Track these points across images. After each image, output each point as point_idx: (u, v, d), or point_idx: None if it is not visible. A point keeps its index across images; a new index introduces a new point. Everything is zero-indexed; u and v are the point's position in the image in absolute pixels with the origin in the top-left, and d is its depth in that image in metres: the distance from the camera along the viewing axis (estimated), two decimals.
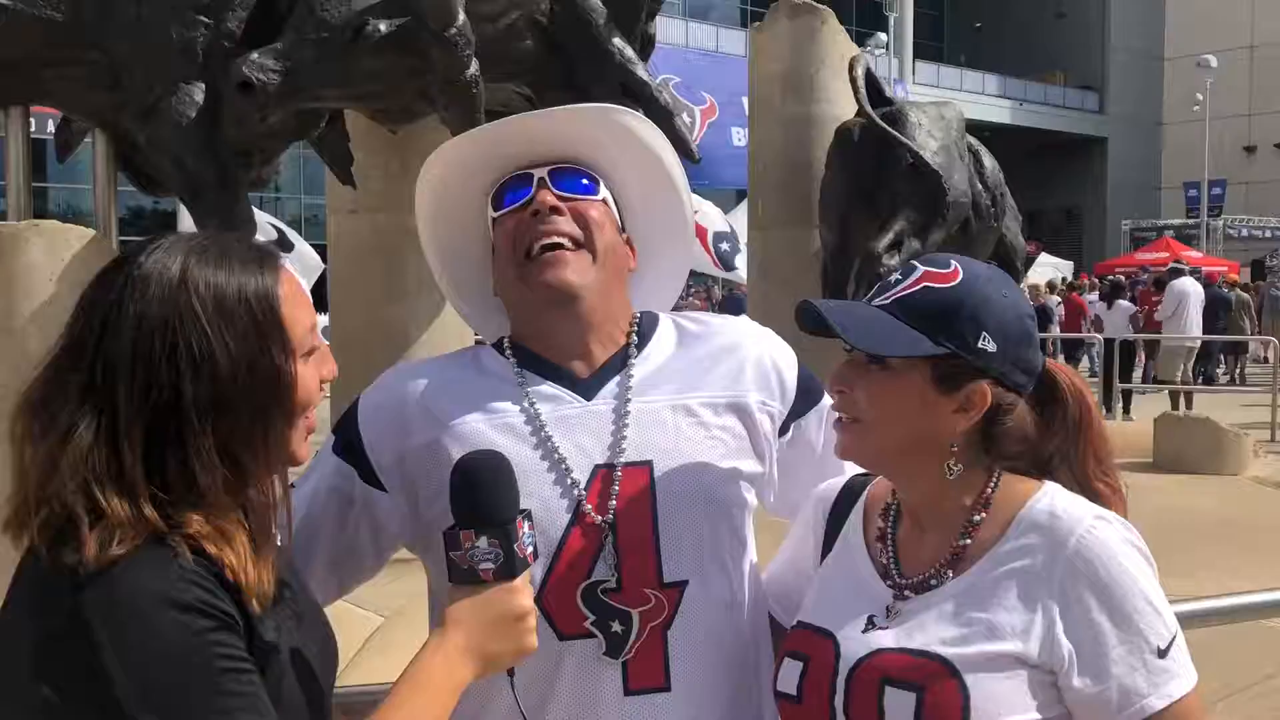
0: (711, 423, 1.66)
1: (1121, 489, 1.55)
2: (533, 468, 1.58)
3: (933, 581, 1.48)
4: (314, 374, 1.33)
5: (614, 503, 1.58)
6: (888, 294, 1.49)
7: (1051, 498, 1.47)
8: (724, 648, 1.63)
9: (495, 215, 1.70)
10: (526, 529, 1.39)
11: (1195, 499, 8.29)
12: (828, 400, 1.68)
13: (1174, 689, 1.37)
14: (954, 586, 1.46)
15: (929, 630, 1.43)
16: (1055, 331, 17.31)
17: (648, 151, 1.77)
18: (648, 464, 1.61)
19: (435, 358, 1.81)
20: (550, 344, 1.67)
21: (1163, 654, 1.38)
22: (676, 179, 1.81)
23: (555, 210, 1.65)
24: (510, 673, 1.42)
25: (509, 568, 1.35)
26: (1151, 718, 1.37)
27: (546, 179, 1.68)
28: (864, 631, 1.48)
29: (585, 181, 1.70)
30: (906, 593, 1.49)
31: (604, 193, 1.72)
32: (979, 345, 1.45)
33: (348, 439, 1.67)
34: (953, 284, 1.47)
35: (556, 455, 1.60)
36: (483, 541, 1.35)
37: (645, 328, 1.73)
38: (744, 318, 1.87)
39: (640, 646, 1.57)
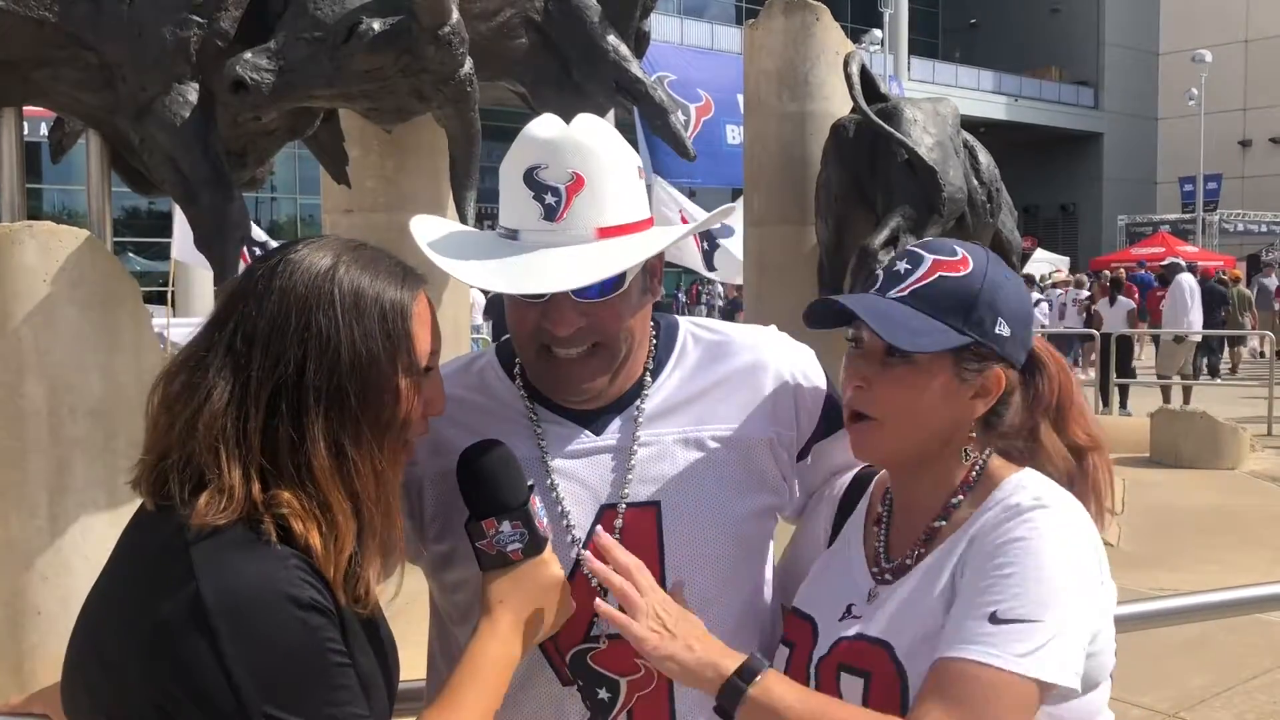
0: (724, 458, 1.61)
1: (1101, 439, 1.56)
2: None
3: (908, 562, 1.49)
4: (420, 398, 1.38)
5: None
6: (902, 286, 1.47)
7: (1019, 482, 1.46)
8: None
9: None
10: (539, 504, 1.47)
11: (1193, 493, 8.31)
12: None
13: (977, 654, 1.30)
14: (921, 566, 1.46)
15: (887, 616, 1.44)
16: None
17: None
18: (654, 505, 1.57)
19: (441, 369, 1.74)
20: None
21: (998, 620, 1.31)
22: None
23: (573, 329, 1.51)
24: (552, 642, 1.51)
25: (535, 545, 1.44)
26: (950, 669, 1.31)
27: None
28: (840, 619, 1.49)
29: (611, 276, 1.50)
30: (887, 576, 1.50)
31: (629, 277, 1.53)
32: (996, 331, 1.46)
33: None
34: (966, 272, 1.47)
35: (561, 507, 1.56)
36: (505, 526, 1.43)
37: (662, 350, 1.66)
38: (772, 328, 1.77)
39: (643, 697, 1.55)
